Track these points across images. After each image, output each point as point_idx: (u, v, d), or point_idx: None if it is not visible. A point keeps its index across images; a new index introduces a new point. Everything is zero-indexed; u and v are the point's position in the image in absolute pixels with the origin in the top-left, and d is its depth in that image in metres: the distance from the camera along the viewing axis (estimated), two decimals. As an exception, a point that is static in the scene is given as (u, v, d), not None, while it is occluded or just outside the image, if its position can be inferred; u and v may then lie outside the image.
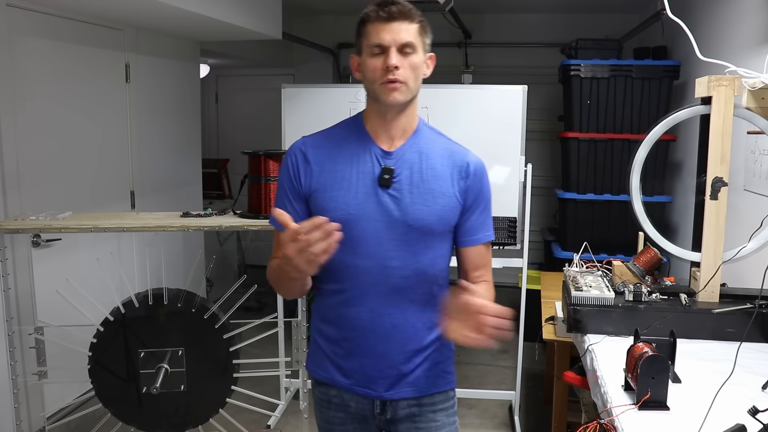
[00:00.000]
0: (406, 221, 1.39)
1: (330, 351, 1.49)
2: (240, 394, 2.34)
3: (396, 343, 1.43)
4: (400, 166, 1.40)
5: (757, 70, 1.89)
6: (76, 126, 3.20)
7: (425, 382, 1.49)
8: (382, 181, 1.39)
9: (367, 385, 1.46)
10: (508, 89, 3.18)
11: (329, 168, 1.42)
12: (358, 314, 1.42)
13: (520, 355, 3.30)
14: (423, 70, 1.40)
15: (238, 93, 6.42)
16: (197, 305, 2.26)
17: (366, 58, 1.37)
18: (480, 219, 1.48)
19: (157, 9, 2.96)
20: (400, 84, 1.34)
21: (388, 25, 1.33)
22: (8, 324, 2.29)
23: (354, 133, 1.45)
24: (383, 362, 1.44)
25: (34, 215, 2.31)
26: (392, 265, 1.38)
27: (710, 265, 1.97)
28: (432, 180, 1.41)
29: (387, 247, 1.39)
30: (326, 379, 1.50)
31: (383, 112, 1.41)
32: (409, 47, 1.34)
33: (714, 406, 1.36)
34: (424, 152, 1.43)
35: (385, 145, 1.43)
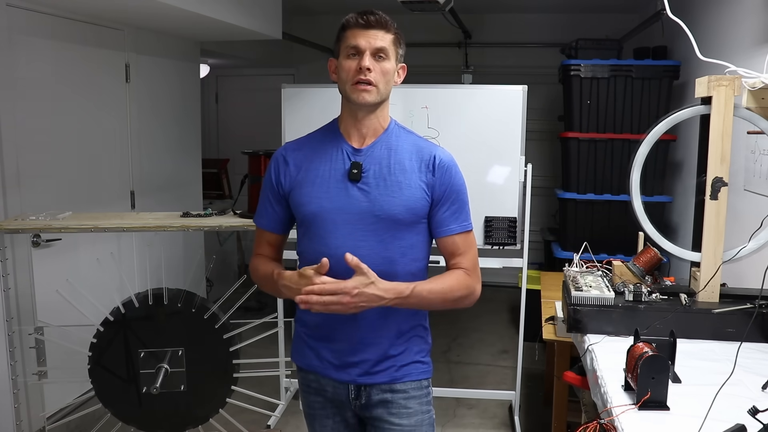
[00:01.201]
0: (373, 212, 1.47)
1: (307, 338, 1.59)
2: (240, 394, 2.35)
3: (370, 330, 1.52)
4: (369, 161, 1.50)
5: (757, 70, 1.89)
6: (76, 126, 3.20)
7: (398, 370, 1.56)
8: (351, 175, 1.49)
9: (343, 370, 1.54)
10: (508, 89, 3.18)
11: (305, 167, 1.53)
12: None
13: (520, 355, 3.30)
14: (393, 77, 1.51)
15: (238, 93, 6.42)
16: (197, 305, 2.26)
17: (342, 60, 1.48)
18: (451, 210, 1.53)
19: (157, 9, 2.96)
20: (371, 86, 1.45)
21: (365, 32, 1.45)
22: (8, 324, 2.29)
23: (329, 134, 1.57)
24: (357, 348, 1.53)
25: (34, 215, 2.31)
26: (362, 254, 1.43)
27: (710, 265, 1.97)
28: (399, 173, 1.50)
29: (357, 237, 1.47)
30: (305, 364, 1.60)
31: (354, 111, 1.51)
32: (382, 53, 1.46)
33: (714, 406, 1.36)
34: (393, 148, 1.52)
35: (356, 143, 1.53)
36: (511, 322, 4.97)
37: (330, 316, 1.49)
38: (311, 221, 1.50)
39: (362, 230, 1.48)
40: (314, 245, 1.50)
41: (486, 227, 3.18)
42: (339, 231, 1.48)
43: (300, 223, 1.56)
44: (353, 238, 1.47)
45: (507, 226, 3.19)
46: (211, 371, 2.28)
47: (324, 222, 1.49)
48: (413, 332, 1.58)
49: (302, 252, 1.56)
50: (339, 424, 1.63)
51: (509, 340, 4.59)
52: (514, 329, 4.74)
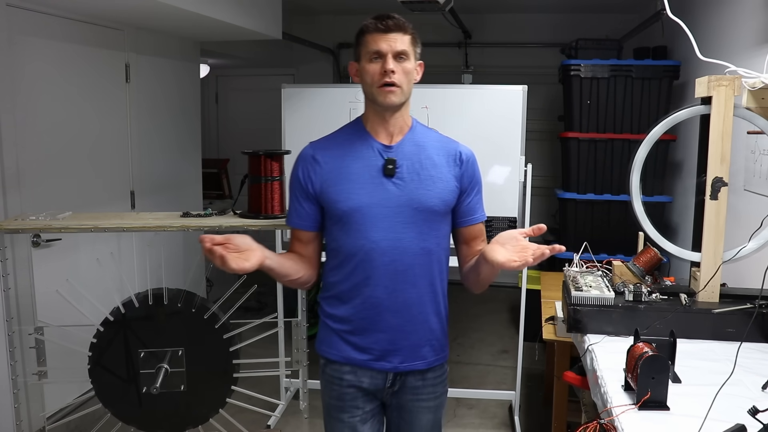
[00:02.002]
0: (411, 205, 1.57)
1: (343, 331, 1.64)
2: (240, 394, 2.34)
3: (409, 318, 1.60)
4: (401, 157, 1.59)
5: (757, 70, 1.89)
6: (76, 126, 3.20)
7: (432, 355, 1.67)
8: (386, 171, 1.57)
9: (383, 358, 1.62)
10: (508, 89, 3.18)
11: (337, 165, 1.59)
12: (374, 293, 1.58)
13: (520, 355, 3.30)
14: (414, 75, 1.61)
15: (238, 93, 6.42)
16: (197, 305, 2.26)
17: (365, 64, 1.56)
18: (476, 200, 1.68)
19: (157, 9, 2.96)
20: (395, 88, 1.53)
21: (385, 36, 1.53)
22: (8, 324, 2.29)
23: (356, 133, 1.63)
24: (398, 336, 1.61)
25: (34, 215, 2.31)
26: (403, 246, 1.56)
27: (710, 265, 1.97)
28: (431, 168, 1.60)
29: (397, 229, 1.56)
30: (340, 357, 1.65)
31: (381, 112, 1.59)
32: (403, 55, 1.54)
33: (714, 406, 1.36)
34: (420, 145, 1.62)
35: (385, 141, 1.61)
36: (511, 322, 4.97)
37: (370, 308, 1.59)
38: (349, 217, 1.57)
39: (401, 223, 1.56)
40: (353, 239, 1.57)
41: (486, 227, 3.17)
42: (379, 224, 1.56)
43: (335, 220, 1.60)
44: (394, 230, 1.56)
45: (507, 226, 3.19)
46: (211, 371, 2.28)
47: (363, 216, 1.56)
48: (443, 316, 1.69)
49: (338, 247, 1.61)
50: (367, 414, 1.68)
51: (509, 340, 4.59)
52: (514, 329, 4.74)
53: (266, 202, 2.39)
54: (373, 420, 1.70)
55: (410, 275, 1.59)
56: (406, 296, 1.59)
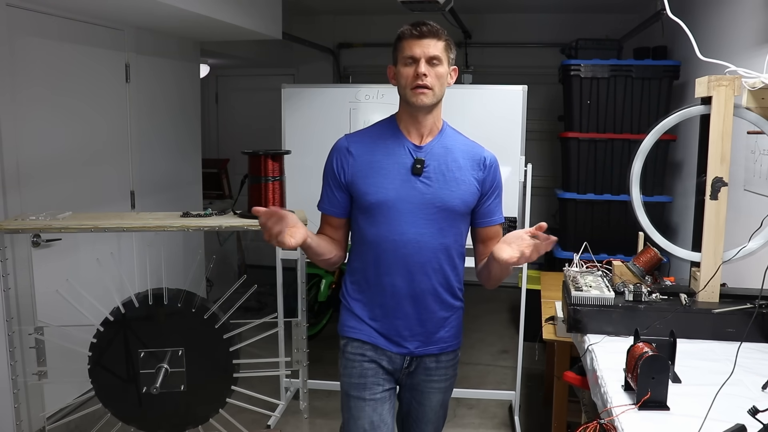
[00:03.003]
0: (434, 203, 1.68)
1: (366, 315, 1.76)
2: (240, 394, 2.34)
3: (425, 306, 1.72)
4: (430, 158, 1.69)
5: (757, 70, 1.89)
6: (76, 126, 3.20)
7: (446, 341, 1.79)
8: (414, 170, 1.68)
9: (400, 344, 1.74)
10: (508, 89, 3.18)
11: (369, 159, 1.70)
12: (395, 280, 1.70)
13: (520, 355, 3.30)
14: (447, 79, 1.71)
15: (238, 93, 6.42)
16: (197, 305, 2.26)
17: (401, 68, 1.66)
18: (495, 203, 1.78)
19: (157, 9, 2.96)
20: (427, 90, 1.64)
21: (419, 41, 1.63)
22: (8, 324, 2.29)
23: (389, 131, 1.74)
24: (415, 323, 1.73)
25: (34, 215, 2.31)
26: (424, 240, 1.68)
27: (710, 265, 1.97)
28: (456, 170, 1.70)
29: (420, 224, 1.67)
30: (364, 337, 1.76)
31: (414, 113, 1.69)
32: (436, 59, 1.64)
33: (714, 406, 1.36)
34: (449, 148, 1.73)
35: (416, 141, 1.72)
36: (511, 322, 4.97)
37: (390, 296, 1.71)
38: (377, 209, 1.67)
39: (424, 219, 1.67)
40: (378, 230, 1.69)
41: (486, 227, 3.18)
42: (404, 218, 1.67)
43: (362, 210, 1.71)
44: (416, 225, 1.67)
45: (507, 226, 3.18)
46: (211, 371, 2.28)
47: (390, 210, 1.67)
48: (458, 306, 1.81)
49: (364, 235, 1.72)
50: (386, 393, 1.78)
51: (509, 340, 4.58)
52: (514, 329, 4.74)
53: (266, 202, 2.39)
54: (390, 402, 1.79)
55: (428, 268, 1.70)
56: (423, 287, 1.70)
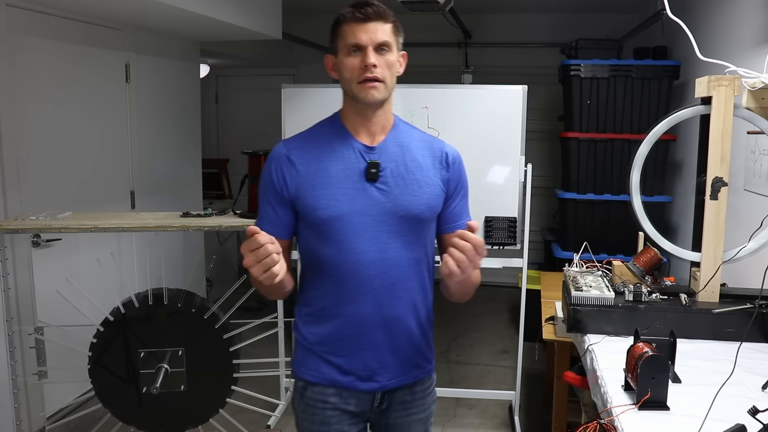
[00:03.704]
0: (397, 212, 1.42)
1: (325, 351, 1.49)
2: (240, 394, 2.35)
3: (397, 333, 1.47)
4: (385, 159, 1.44)
5: (757, 70, 1.89)
6: (76, 126, 3.20)
7: (420, 368, 1.55)
8: (369, 175, 1.42)
9: (370, 378, 1.48)
10: (508, 89, 3.18)
11: (314, 167, 1.44)
12: (359, 309, 1.44)
13: (520, 355, 3.30)
14: (397, 67, 1.45)
15: (238, 93, 6.42)
16: (197, 305, 2.26)
17: (343, 57, 1.41)
18: (462, 204, 1.54)
19: (157, 9, 2.96)
20: (378, 83, 1.39)
21: (364, 26, 1.37)
22: (8, 324, 2.29)
23: (334, 132, 1.48)
24: (386, 352, 1.47)
25: (34, 215, 2.31)
26: (390, 257, 1.42)
27: (710, 265, 1.97)
28: (416, 171, 1.46)
29: (383, 240, 1.42)
30: (322, 380, 1.50)
31: (362, 110, 1.44)
32: (385, 46, 1.39)
33: (714, 406, 1.36)
34: (405, 145, 1.48)
35: (367, 141, 1.46)
36: (511, 322, 4.97)
37: (355, 326, 1.45)
38: (329, 226, 1.41)
39: (387, 232, 1.42)
40: (334, 251, 1.41)
41: (486, 227, 3.18)
42: (363, 234, 1.41)
43: (312, 228, 1.44)
44: (379, 241, 1.42)
45: (507, 226, 3.19)
46: (211, 371, 2.28)
47: (345, 226, 1.41)
48: (429, 326, 1.58)
49: (317, 258, 1.45)
50: None
51: (509, 340, 4.58)
52: (514, 329, 4.74)
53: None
54: None
55: (398, 288, 1.45)
56: (395, 311, 1.46)
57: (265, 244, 1.22)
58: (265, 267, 1.23)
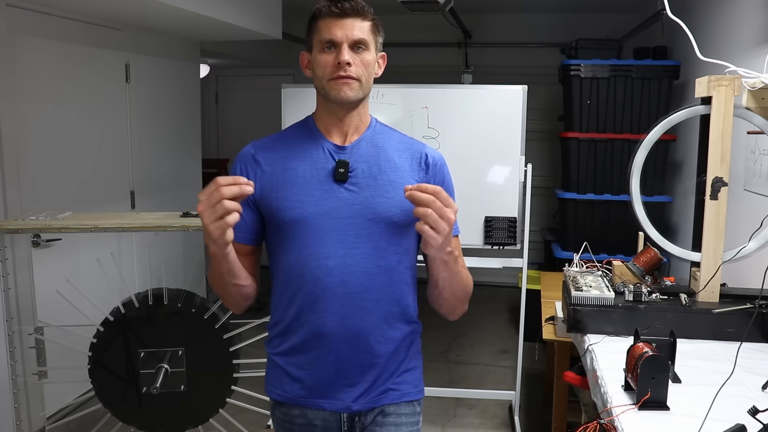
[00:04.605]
0: (366, 215, 1.32)
1: (289, 366, 1.39)
2: (240, 394, 2.35)
3: (365, 349, 1.35)
4: (356, 160, 1.35)
5: (757, 70, 1.89)
6: (76, 126, 3.20)
7: (395, 392, 1.40)
8: (337, 175, 1.33)
9: (334, 396, 1.37)
10: (508, 89, 3.18)
11: (281, 167, 1.36)
12: (321, 319, 1.33)
13: (520, 355, 3.30)
14: (375, 68, 1.37)
15: (238, 93, 6.42)
16: (197, 305, 2.26)
17: (316, 54, 1.33)
18: None
19: (157, 9, 2.96)
20: (352, 80, 1.31)
21: (340, 21, 1.30)
22: (8, 324, 2.29)
23: (305, 132, 1.41)
24: (351, 369, 1.36)
25: (34, 215, 2.31)
26: (356, 263, 1.32)
27: (710, 265, 1.97)
28: (391, 171, 1.36)
29: (349, 244, 1.32)
30: (286, 398, 1.41)
31: (334, 110, 1.37)
32: (361, 44, 1.31)
33: (714, 406, 1.36)
34: (380, 145, 1.39)
35: (338, 141, 1.38)
36: (511, 322, 4.97)
37: (317, 338, 1.34)
38: (292, 229, 1.32)
39: (354, 236, 1.32)
40: (297, 256, 1.33)
41: (486, 227, 3.18)
42: (328, 238, 1.32)
43: (276, 232, 1.36)
44: (344, 245, 1.32)
45: (507, 226, 3.19)
46: (211, 371, 2.28)
47: (309, 229, 1.32)
48: (409, 347, 1.42)
49: (280, 265, 1.37)
50: None
51: (509, 340, 4.58)
52: (514, 329, 4.74)
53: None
54: None
55: (365, 298, 1.33)
56: (360, 323, 1.33)
57: (222, 187, 1.14)
58: (217, 214, 1.14)
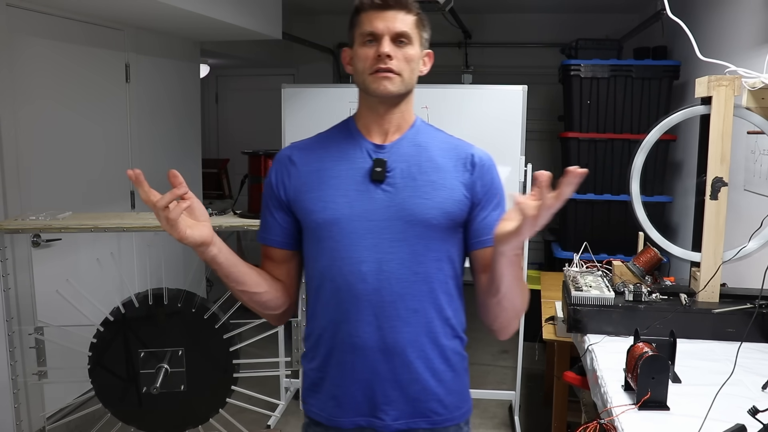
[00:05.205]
0: (403, 217, 1.23)
1: (322, 379, 1.30)
2: (240, 394, 2.35)
3: (404, 363, 1.25)
4: (395, 159, 1.27)
5: (757, 70, 1.89)
6: (76, 126, 3.20)
7: (442, 411, 1.30)
8: (374, 174, 1.25)
9: (373, 414, 1.27)
10: (508, 89, 3.18)
11: (315, 167, 1.29)
12: (355, 330, 1.24)
13: (520, 355, 3.30)
14: (419, 65, 1.31)
15: (238, 93, 6.42)
16: (197, 305, 2.26)
17: (357, 48, 1.27)
18: (494, 216, 1.28)
19: (157, 9, 2.96)
20: (392, 74, 1.24)
21: (382, 13, 1.24)
22: (8, 324, 2.29)
23: (344, 132, 1.34)
24: (389, 386, 1.25)
25: (34, 215, 2.31)
26: (391, 269, 1.23)
27: (710, 265, 1.97)
28: (432, 172, 1.27)
29: (383, 248, 1.23)
30: (322, 417, 1.31)
31: (375, 106, 1.29)
32: (403, 37, 1.24)
33: (714, 406, 1.36)
34: (422, 145, 1.31)
35: (378, 140, 1.30)
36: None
37: (350, 350, 1.25)
38: (324, 231, 1.24)
39: (389, 240, 1.23)
40: (329, 260, 1.24)
41: (486, 227, 3.18)
42: (361, 241, 1.23)
43: (309, 236, 1.29)
44: (379, 250, 1.23)
45: (507, 226, 3.18)
46: (211, 371, 2.28)
47: (342, 232, 1.23)
48: (459, 360, 1.32)
49: (312, 270, 1.29)
50: None
51: (509, 340, 4.57)
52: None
53: (266, 202, 2.39)
54: None
55: (400, 308, 1.23)
56: (398, 335, 1.23)
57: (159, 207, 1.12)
58: (164, 219, 1.13)
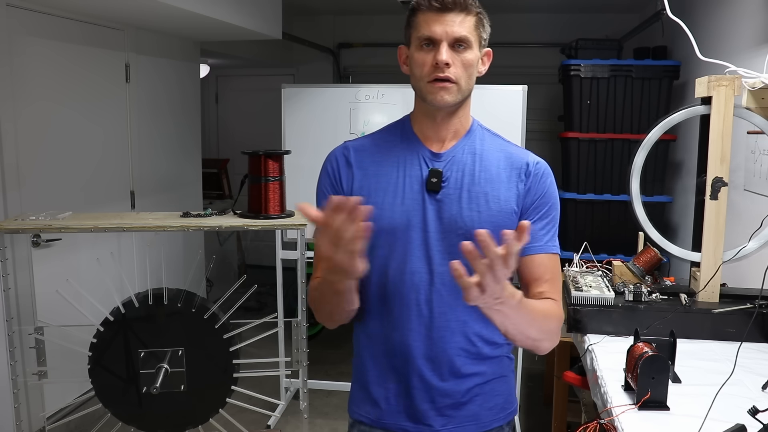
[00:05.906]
0: (457, 229, 1.23)
1: (374, 385, 1.32)
2: (240, 394, 2.34)
3: (452, 371, 1.27)
4: (450, 168, 1.26)
5: (757, 70, 1.89)
6: (76, 126, 3.20)
7: (487, 413, 1.32)
8: (429, 185, 1.24)
9: (419, 420, 1.29)
10: (508, 89, 3.18)
11: (373, 172, 1.28)
12: (405, 339, 1.26)
13: (520, 355, 3.30)
14: (477, 67, 1.28)
15: (238, 93, 6.42)
16: (197, 305, 2.26)
17: (414, 51, 1.23)
18: (542, 224, 1.27)
19: (157, 9, 2.96)
20: (450, 84, 1.21)
21: (440, 17, 1.20)
22: (8, 324, 2.29)
23: (400, 135, 1.32)
24: (437, 395, 1.28)
25: (34, 215, 2.31)
26: (443, 281, 1.23)
27: (710, 265, 1.97)
28: (485, 183, 1.26)
29: (436, 261, 1.23)
30: (370, 420, 1.33)
31: (431, 113, 1.28)
32: (463, 42, 1.22)
33: (714, 406, 1.36)
34: (478, 153, 1.29)
35: (435, 147, 1.29)
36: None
37: (401, 357, 1.26)
38: (378, 240, 1.22)
39: (443, 251, 1.22)
40: (381, 270, 1.25)
41: (486, 227, 3.18)
42: (415, 251, 1.23)
43: None
44: (432, 261, 1.23)
45: (507, 226, 3.18)
46: (211, 371, 2.28)
47: (397, 241, 1.23)
48: (507, 370, 1.35)
49: (364, 280, 1.23)
50: None
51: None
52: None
53: (266, 202, 2.39)
54: None
55: (450, 319, 1.24)
56: (446, 345, 1.25)
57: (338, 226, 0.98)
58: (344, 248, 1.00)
